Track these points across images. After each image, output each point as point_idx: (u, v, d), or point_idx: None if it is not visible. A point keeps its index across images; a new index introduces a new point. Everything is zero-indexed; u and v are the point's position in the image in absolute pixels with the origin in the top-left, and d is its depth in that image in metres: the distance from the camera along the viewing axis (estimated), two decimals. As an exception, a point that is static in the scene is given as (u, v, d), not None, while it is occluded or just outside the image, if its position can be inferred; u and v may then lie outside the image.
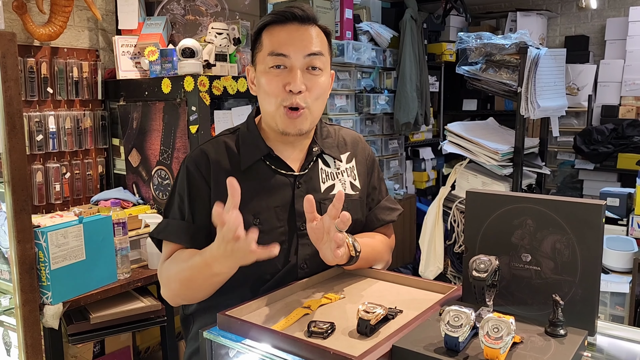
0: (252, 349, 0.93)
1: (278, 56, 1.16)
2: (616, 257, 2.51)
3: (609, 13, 4.68)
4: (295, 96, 1.16)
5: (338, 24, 3.73)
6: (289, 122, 1.18)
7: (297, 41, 1.16)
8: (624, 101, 4.36)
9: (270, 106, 1.19)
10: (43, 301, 1.82)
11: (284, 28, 1.18)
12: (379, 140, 4.13)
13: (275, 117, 1.19)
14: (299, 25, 1.18)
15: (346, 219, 1.02)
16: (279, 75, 1.16)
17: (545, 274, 0.98)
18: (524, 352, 0.84)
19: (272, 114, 1.19)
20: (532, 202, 0.98)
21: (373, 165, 1.40)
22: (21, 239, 1.76)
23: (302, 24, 1.18)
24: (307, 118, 1.20)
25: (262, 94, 1.20)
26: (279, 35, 1.17)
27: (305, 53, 1.16)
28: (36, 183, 2.33)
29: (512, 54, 2.85)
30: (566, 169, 4.60)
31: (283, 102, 1.17)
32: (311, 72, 1.18)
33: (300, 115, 1.18)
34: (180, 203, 1.23)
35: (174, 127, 2.29)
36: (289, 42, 1.16)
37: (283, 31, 1.17)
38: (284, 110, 1.17)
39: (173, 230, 1.22)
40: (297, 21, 1.18)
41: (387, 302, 1.02)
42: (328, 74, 1.24)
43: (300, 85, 1.15)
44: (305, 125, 1.20)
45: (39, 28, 2.28)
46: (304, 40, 1.17)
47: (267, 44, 1.18)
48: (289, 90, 1.15)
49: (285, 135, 1.21)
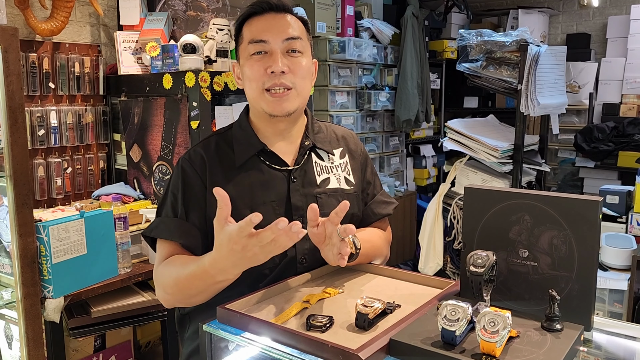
0: (252, 342, 0.93)
1: (258, 43, 1.20)
2: (615, 255, 2.51)
3: (610, 11, 4.68)
4: (279, 77, 1.19)
5: (339, 21, 3.73)
6: (275, 104, 1.20)
7: (274, 27, 1.21)
8: (625, 99, 4.36)
9: (254, 91, 1.22)
10: (44, 295, 1.84)
11: (262, 17, 1.23)
12: (380, 137, 4.13)
13: (260, 102, 1.22)
14: (276, 14, 1.23)
15: (349, 230, 1.04)
16: (260, 60, 1.20)
17: (542, 269, 0.98)
18: (520, 346, 0.85)
19: (257, 99, 1.22)
20: (530, 198, 0.99)
21: (366, 161, 1.41)
22: (23, 233, 1.77)
23: (278, 12, 1.23)
24: (294, 98, 1.22)
25: (247, 82, 1.24)
26: (257, 24, 1.22)
27: (283, 37, 1.20)
28: (38, 178, 2.34)
29: (513, 51, 2.85)
30: (567, 167, 4.60)
31: (265, 85, 1.20)
32: (291, 54, 1.22)
33: (285, 95, 1.20)
34: (174, 202, 1.23)
35: (175, 122, 2.29)
36: (267, 28, 1.21)
37: (261, 20, 1.22)
38: (268, 93, 1.20)
39: (165, 227, 1.22)
40: (273, 10, 1.23)
41: (385, 296, 1.02)
42: (309, 58, 1.27)
43: (281, 67, 1.18)
44: (292, 105, 1.22)
45: (41, 23, 2.28)
46: (282, 26, 1.22)
47: (247, 34, 1.23)
48: (270, 72, 1.18)
49: (273, 117, 1.23)
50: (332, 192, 1.28)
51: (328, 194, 1.27)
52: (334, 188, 1.29)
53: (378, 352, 0.84)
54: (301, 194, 1.24)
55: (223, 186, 1.18)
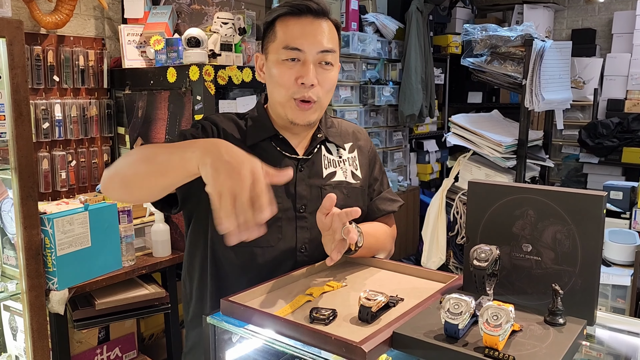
0: (255, 335, 0.94)
1: (292, 50, 1.17)
2: (618, 250, 2.51)
3: (616, 6, 4.65)
4: (308, 89, 1.18)
5: (344, 15, 3.72)
6: (299, 114, 1.21)
7: (311, 36, 1.17)
8: (630, 95, 4.34)
9: (281, 97, 1.21)
10: (49, 287, 1.85)
11: (299, 21, 1.19)
12: (383, 132, 4.12)
13: (286, 108, 1.22)
14: (313, 19, 1.19)
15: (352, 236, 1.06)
16: (292, 68, 1.18)
17: (546, 264, 0.98)
18: (522, 339, 0.85)
19: (283, 104, 1.22)
20: (534, 192, 0.99)
21: (375, 158, 1.43)
22: (27, 225, 1.78)
23: (316, 17, 1.19)
24: (316, 110, 1.23)
25: (273, 84, 1.22)
26: (294, 28, 1.18)
27: (318, 49, 1.18)
28: (42, 170, 2.35)
29: (517, 46, 2.84)
30: (571, 163, 4.59)
31: (294, 95, 1.19)
32: (323, 66, 1.20)
33: (310, 108, 1.21)
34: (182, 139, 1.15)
35: (179, 116, 2.30)
36: (303, 36, 1.17)
37: (297, 24, 1.18)
38: (294, 102, 1.20)
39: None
40: (311, 14, 1.19)
41: (388, 290, 1.03)
42: (337, 68, 1.26)
43: (313, 79, 1.17)
44: (314, 117, 1.24)
45: (46, 16, 2.29)
46: (318, 35, 1.18)
47: (282, 36, 1.19)
48: (301, 83, 1.17)
49: (293, 125, 1.24)
50: (337, 184, 1.30)
51: (333, 186, 1.28)
52: (340, 180, 1.31)
53: (381, 345, 0.85)
54: (307, 184, 1.26)
55: None
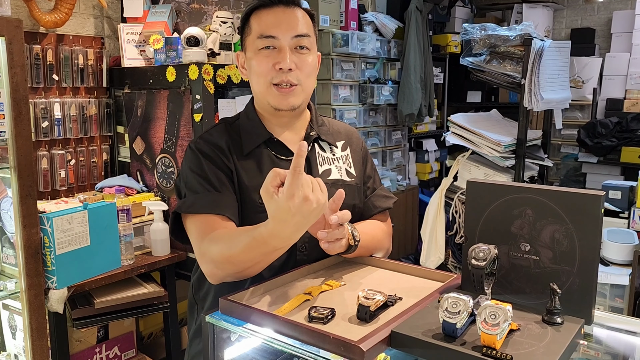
0: (254, 333, 0.94)
1: (267, 38, 1.21)
2: (617, 250, 2.52)
3: (615, 6, 4.65)
4: (286, 74, 1.21)
5: (343, 14, 3.72)
6: (281, 99, 1.23)
7: (284, 23, 1.22)
8: (629, 95, 4.35)
9: (261, 85, 1.24)
10: (48, 286, 1.85)
11: (271, 11, 1.23)
12: (383, 131, 4.13)
13: (267, 95, 1.24)
14: (285, 8, 1.23)
15: (345, 217, 1.08)
16: (269, 56, 1.22)
17: (544, 263, 0.99)
18: (520, 339, 0.86)
19: (264, 92, 1.25)
20: (532, 192, 0.99)
21: (366, 156, 1.45)
22: (27, 224, 1.78)
23: (288, 6, 1.24)
24: (299, 94, 1.25)
25: (253, 76, 1.26)
26: (267, 18, 1.22)
27: (293, 34, 1.22)
28: (41, 169, 2.35)
29: (517, 46, 2.84)
30: (569, 162, 4.59)
31: (273, 80, 1.22)
32: (299, 51, 1.24)
33: (292, 91, 1.23)
34: (201, 179, 1.21)
35: (178, 115, 2.30)
36: (277, 24, 1.21)
37: (270, 14, 1.23)
38: (274, 88, 1.23)
39: (205, 202, 1.18)
40: (282, 4, 1.23)
41: (387, 289, 1.03)
42: (315, 54, 1.29)
43: (290, 64, 1.20)
44: (297, 100, 1.26)
45: (45, 15, 2.28)
46: (291, 22, 1.22)
47: (256, 27, 1.23)
48: (279, 68, 1.21)
49: (278, 111, 1.26)
50: (334, 183, 1.30)
51: (330, 185, 1.28)
52: (336, 179, 1.32)
53: (379, 343, 0.85)
54: None
55: (235, 169, 1.23)
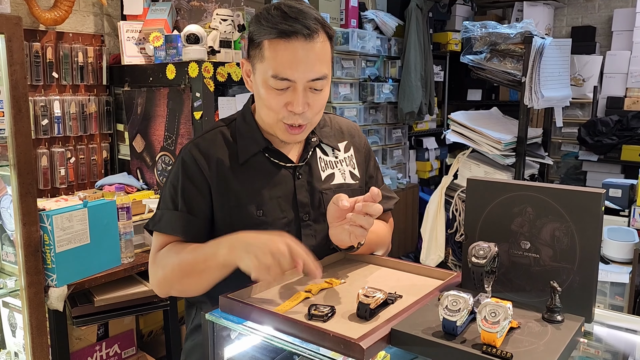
0: (254, 331, 0.94)
1: (282, 80, 1.11)
2: (617, 248, 2.52)
3: (616, 4, 4.65)
4: (297, 116, 1.14)
5: (343, 12, 3.72)
6: (289, 136, 1.19)
7: (302, 64, 1.10)
8: (629, 93, 4.34)
9: (270, 119, 1.18)
10: (48, 283, 1.85)
11: (289, 45, 1.10)
12: (383, 130, 4.12)
13: (275, 129, 1.19)
14: (305, 43, 1.10)
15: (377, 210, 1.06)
16: (281, 95, 1.13)
17: (544, 261, 0.98)
18: (520, 336, 0.86)
19: (272, 125, 1.19)
20: (533, 190, 0.99)
21: (369, 154, 1.41)
22: (27, 222, 1.78)
23: (307, 40, 1.11)
24: (307, 131, 1.21)
25: (262, 104, 1.18)
26: (283, 55, 1.10)
27: (309, 78, 1.12)
28: (41, 167, 2.35)
29: (517, 44, 2.84)
30: (570, 160, 4.59)
31: (283, 119, 1.16)
32: (314, 91, 1.15)
33: (301, 130, 1.18)
34: (173, 194, 1.21)
35: (178, 113, 2.29)
36: (294, 64, 1.10)
37: (288, 50, 1.10)
38: (284, 125, 1.16)
39: (167, 221, 1.19)
40: (302, 36, 1.10)
41: (387, 287, 1.03)
42: (329, 87, 1.21)
43: (302, 107, 1.13)
44: (304, 135, 1.23)
45: (45, 12, 2.28)
46: (310, 61, 1.11)
47: (271, 61, 1.12)
48: (289, 109, 1.14)
49: (283, 143, 1.23)
50: (338, 188, 1.28)
51: (333, 190, 1.26)
52: (339, 183, 1.29)
53: (379, 341, 0.85)
54: (307, 190, 1.24)
55: (229, 181, 1.20)
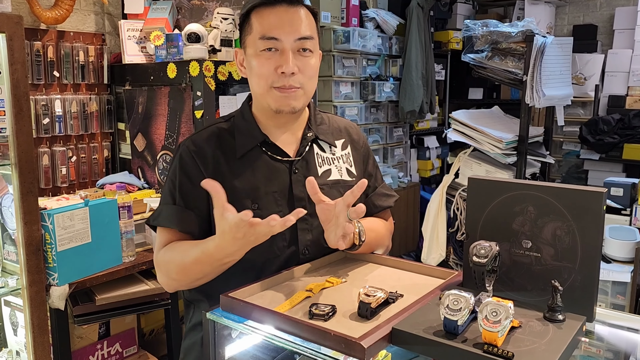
0: (255, 330, 0.94)
1: (269, 40, 1.16)
2: (618, 247, 2.51)
3: (618, 2, 4.64)
4: (288, 78, 1.17)
5: (344, 11, 3.71)
6: (283, 100, 1.20)
7: (287, 24, 1.17)
8: (631, 91, 4.33)
9: (262, 88, 1.20)
10: (49, 282, 1.85)
11: (273, 10, 1.17)
12: (384, 128, 4.12)
13: (267, 97, 1.20)
14: (288, 7, 1.18)
15: (360, 211, 1.05)
16: (271, 58, 1.17)
17: (546, 260, 0.98)
18: (522, 336, 0.86)
19: (264, 94, 1.21)
20: (534, 189, 0.99)
21: (368, 153, 1.41)
22: (28, 221, 1.78)
23: (291, 5, 1.18)
24: (300, 97, 1.22)
25: (254, 77, 1.21)
26: (269, 18, 1.17)
27: (296, 36, 1.17)
28: (42, 166, 2.35)
29: (518, 42, 2.83)
30: (571, 159, 4.58)
31: (274, 83, 1.18)
32: (302, 53, 1.19)
33: (293, 93, 1.19)
34: (172, 189, 1.24)
35: (179, 112, 2.29)
36: (280, 25, 1.16)
37: (272, 14, 1.17)
38: (275, 90, 1.19)
39: (165, 215, 1.22)
40: (285, 3, 1.17)
41: (388, 286, 1.03)
42: (318, 55, 1.25)
43: (292, 67, 1.16)
44: (299, 104, 1.22)
45: (46, 11, 2.28)
46: (294, 23, 1.17)
47: (257, 27, 1.18)
48: (281, 72, 1.17)
49: (278, 113, 1.22)
50: (334, 184, 1.28)
51: (330, 186, 1.26)
52: (336, 180, 1.29)
53: (380, 340, 0.85)
54: (303, 185, 1.24)
55: (225, 176, 1.20)
